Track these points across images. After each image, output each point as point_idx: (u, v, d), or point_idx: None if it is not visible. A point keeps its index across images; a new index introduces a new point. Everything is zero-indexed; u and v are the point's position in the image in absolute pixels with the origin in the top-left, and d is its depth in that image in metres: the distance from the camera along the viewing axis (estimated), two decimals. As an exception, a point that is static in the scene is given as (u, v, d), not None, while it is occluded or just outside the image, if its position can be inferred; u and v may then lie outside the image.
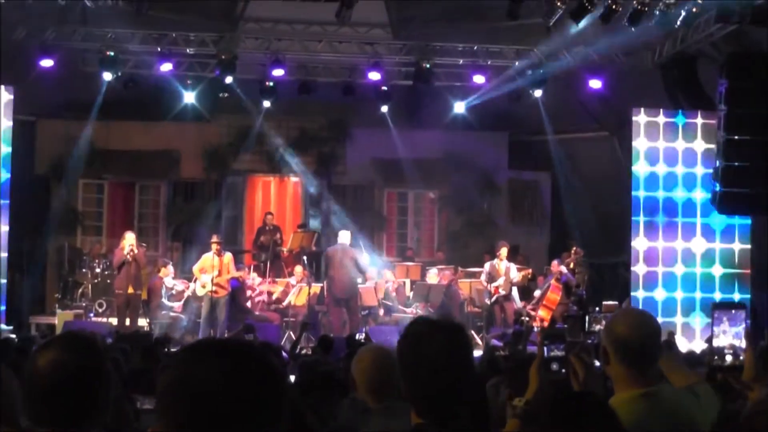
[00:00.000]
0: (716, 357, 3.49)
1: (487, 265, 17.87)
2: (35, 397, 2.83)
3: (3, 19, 15.86)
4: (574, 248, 18.45)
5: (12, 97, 16.36)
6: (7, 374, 3.14)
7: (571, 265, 18.09)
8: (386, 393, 4.07)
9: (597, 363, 3.66)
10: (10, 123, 16.37)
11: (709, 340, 3.58)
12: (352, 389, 4.27)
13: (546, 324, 17.10)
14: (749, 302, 15.43)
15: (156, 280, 17.20)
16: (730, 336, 3.47)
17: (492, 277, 17.61)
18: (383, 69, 18.67)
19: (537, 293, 18.06)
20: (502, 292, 17.60)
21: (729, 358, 3.47)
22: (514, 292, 18.01)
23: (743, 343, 3.46)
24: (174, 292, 17.48)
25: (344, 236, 17.73)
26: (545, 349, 3.37)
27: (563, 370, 3.33)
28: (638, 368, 3.49)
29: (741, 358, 3.46)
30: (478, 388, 3.24)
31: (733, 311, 3.52)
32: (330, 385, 6.08)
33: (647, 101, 17.44)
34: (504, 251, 17.88)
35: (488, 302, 17.60)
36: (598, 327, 16.06)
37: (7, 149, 16.22)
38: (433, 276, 18.35)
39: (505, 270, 17.70)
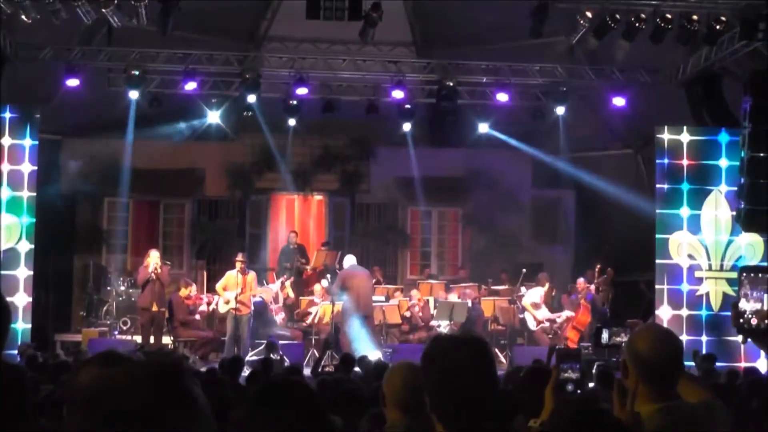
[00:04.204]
0: (741, 320, 3.51)
1: (537, 295, 18.08)
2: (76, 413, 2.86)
3: (31, 40, 16.05)
4: (598, 267, 18.42)
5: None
6: (24, 374, 3.17)
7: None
8: (417, 409, 4.07)
9: None
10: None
11: (735, 303, 3.60)
12: (381, 405, 4.27)
13: (574, 345, 17.03)
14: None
15: (174, 297, 17.21)
16: (752, 300, 3.49)
17: (538, 305, 17.90)
18: (407, 87, 18.66)
19: (563, 313, 18.10)
20: (546, 324, 17.93)
21: (754, 321, 3.49)
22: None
23: (765, 306, 3.48)
24: (194, 308, 17.50)
25: (351, 259, 17.63)
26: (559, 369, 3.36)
27: (578, 391, 3.32)
28: (657, 386, 3.46)
29: (766, 321, 3.48)
30: (501, 400, 3.23)
31: (760, 275, 3.53)
32: (351, 403, 6.09)
33: (671, 119, 17.38)
34: (548, 285, 18.34)
35: (533, 328, 17.94)
36: (618, 339, 15.79)
37: (33, 168, 16.34)
38: (452, 294, 18.42)
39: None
